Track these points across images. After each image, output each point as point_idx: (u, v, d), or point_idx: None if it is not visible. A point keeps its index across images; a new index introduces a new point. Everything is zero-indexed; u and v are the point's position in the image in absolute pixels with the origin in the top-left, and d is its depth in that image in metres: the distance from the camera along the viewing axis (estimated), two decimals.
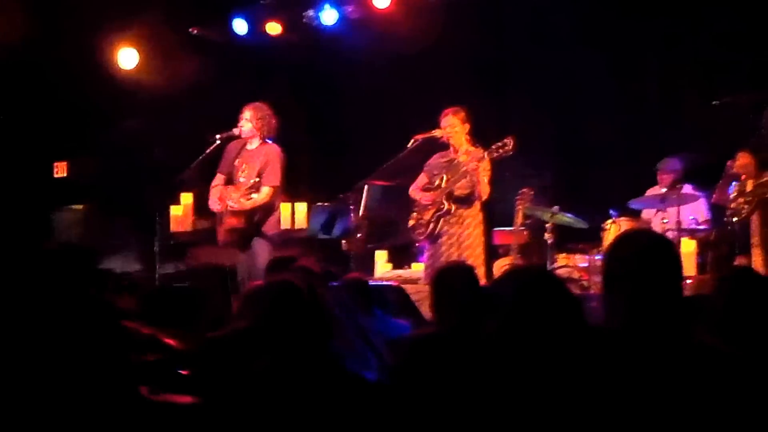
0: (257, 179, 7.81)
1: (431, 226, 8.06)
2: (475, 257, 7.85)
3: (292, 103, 8.69)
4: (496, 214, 9.05)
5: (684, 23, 9.51)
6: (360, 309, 5.02)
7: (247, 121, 8.04)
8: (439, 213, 8.02)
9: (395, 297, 7.60)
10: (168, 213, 8.53)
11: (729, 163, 8.09)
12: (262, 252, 7.81)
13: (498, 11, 10.35)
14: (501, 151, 7.77)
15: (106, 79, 10.59)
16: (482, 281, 6.65)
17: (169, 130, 10.45)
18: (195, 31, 11.01)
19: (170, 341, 5.37)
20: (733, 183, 8.04)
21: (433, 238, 8.09)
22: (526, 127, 8.09)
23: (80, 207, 10.45)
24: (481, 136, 8.07)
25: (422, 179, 8.27)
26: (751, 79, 8.82)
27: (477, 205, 8.03)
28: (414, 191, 8.26)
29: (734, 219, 7.99)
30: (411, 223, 8.27)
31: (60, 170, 11.04)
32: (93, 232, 10.43)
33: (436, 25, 10.08)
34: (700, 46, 9.45)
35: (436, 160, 8.23)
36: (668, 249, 2.90)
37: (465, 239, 7.97)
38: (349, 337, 4.52)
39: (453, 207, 7.98)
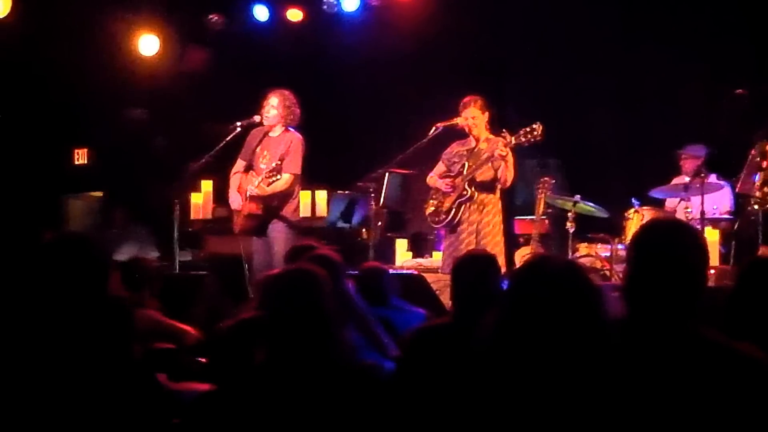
0: (278, 162, 7.76)
1: (452, 212, 7.97)
2: (494, 245, 7.76)
3: (308, 91, 8.63)
4: (516, 203, 9.00)
5: (701, 7, 9.42)
6: (376, 298, 5.00)
7: (273, 108, 7.97)
8: (460, 199, 7.93)
9: (415, 286, 7.56)
10: (186, 200, 8.52)
11: (753, 152, 7.99)
12: (280, 240, 7.77)
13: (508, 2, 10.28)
14: (529, 136, 7.67)
15: (124, 66, 10.58)
16: (503, 270, 6.61)
17: (184, 118, 10.45)
18: (215, 18, 10.98)
19: (188, 330, 5.39)
20: (759, 172, 7.94)
21: (452, 225, 8.00)
22: (533, 115, 8.00)
23: (99, 194, 10.47)
24: (493, 123, 8.03)
25: (440, 167, 8.19)
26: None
27: (497, 193, 7.95)
28: (433, 178, 8.18)
29: (757, 208, 7.90)
30: (429, 210, 8.19)
31: (81, 157, 11.08)
32: (109, 220, 10.47)
33: (446, 11, 10.03)
34: (718, 33, 9.36)
35: (454, 148, 8.16)
36: (697, 239, 2.87)
37: (484, 227, 7.87)
38: (368, 327, 4.49)
39: (475, 193, 7.90)
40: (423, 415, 3.34)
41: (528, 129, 7.68)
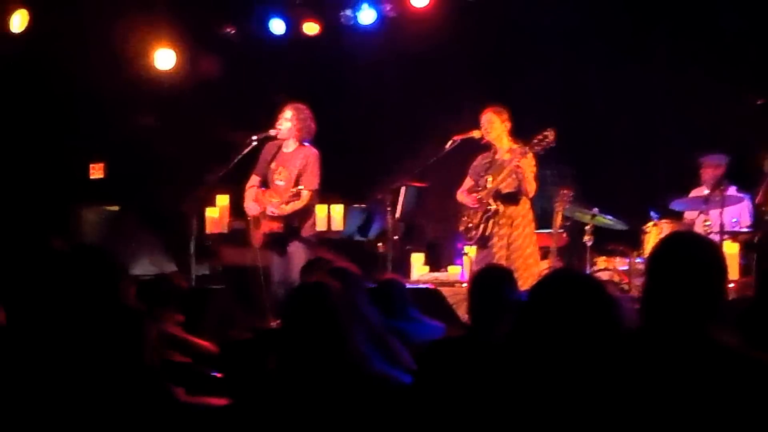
0: (300, 187, 7.75)
1: (481, 228, 7.96)
2: (526, 257, 7.78)
3: (321, 104, 8.63)
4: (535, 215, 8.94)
5: (721, 12, 9.35)
6: (394, 311, 4.96)
7: (287, 121, 7.97)
8: (487, 214, 7.93)
9: (431, 300, 7.53)
10: (202, 214, 8.51)
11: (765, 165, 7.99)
12: (297, 253, 7.77)
13: (520, 9, 10.20)
14: (543, 143, 7.69)
15: (136, 79, 10.58)
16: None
17: (200, 131, 10.44)
18: (229, 32, 10.98)
19: (204, 344, 5.38)
20: None
21: (484, 240, 7.98)
22: (551, 125, 7.98)
23: (114, 207, 10.46)
24: (513, 134, 8.00)
25: (468, 183, 8.19)
26: None
27: (525, 203, 7.94)
28: (461, 195, 8.17)
29: None
30: (461, 227, 8.18)
31: (96, 171, 11.09)
32: (125, 233, 10.46)
33: (461, 23, 10.00)
34: (740, 39, 9.28)
35: (479, 161, 8.16)
36: (715, 253, 2.85)
37: (515, 240, 7.88)
38: (384, 340, 4.46)
39: (501, 207, 7.89)
40: (439, 427, 3.32)
41: (540, 137, 7.71)
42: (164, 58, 10.78)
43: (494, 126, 7.93)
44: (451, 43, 10.13)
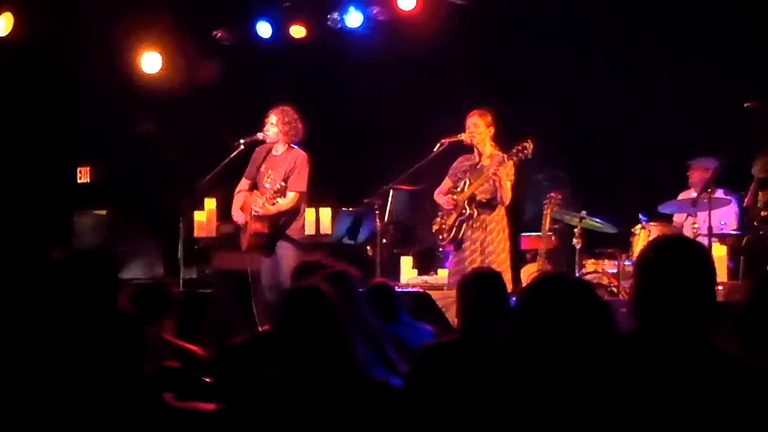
0: (283, 183, 7.76)
1: (454, 231, 7.98)
2: (499, 263, 7.76)
3: (313, 107, 8.61)
4: (524, 218, 8.96)
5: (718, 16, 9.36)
6: (385, 315, 4.96)
7: (273, 125, 7.98)
8: (461, 218, 7.95)
9: (421, 304, 7.53)
10: (191, 218, 8.49)
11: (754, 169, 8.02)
12: (287, 257, 7.77)
13: (513, 11, 10.19)
14: (521, 154, 7.72)
15: (126, 82, 10.55)
16: (509, 287, 6.59)
17: (190, 133, 10.42)
18: (218, 35, 10.94)
19: (195, 349, 5.36)
20: (761, 191, 7.95)
21: (457, 243, 8.01)
22: (543, 128, 7.98)
23: (103, 212, 10.44)
24: (501, 138, 7.99)
25: (447, 183, 8.19)
26: None
27: (500, 209, 7.95)
28: (438, 195, 8.18)
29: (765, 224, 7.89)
30: (435, 227, 8.19)
31: (83, 175, 11.06)
32: (115, 237, 10.43)
33: (453, 25, 10.00)
34: (736, 45, 9.29)
35: (460, 163, 8.17)
36: (703, 255, 2.86)
37: (488, 245, 7.88)
38: (379, 343, 4.46)
39: (475, 212, 7.90)
40: (433, 430, 3.32)
41: (520, 147, 7.74)
42: (150, 62, 10.75)
43: (479, 129, 7.94)
44: (445, 45, 10.12)
